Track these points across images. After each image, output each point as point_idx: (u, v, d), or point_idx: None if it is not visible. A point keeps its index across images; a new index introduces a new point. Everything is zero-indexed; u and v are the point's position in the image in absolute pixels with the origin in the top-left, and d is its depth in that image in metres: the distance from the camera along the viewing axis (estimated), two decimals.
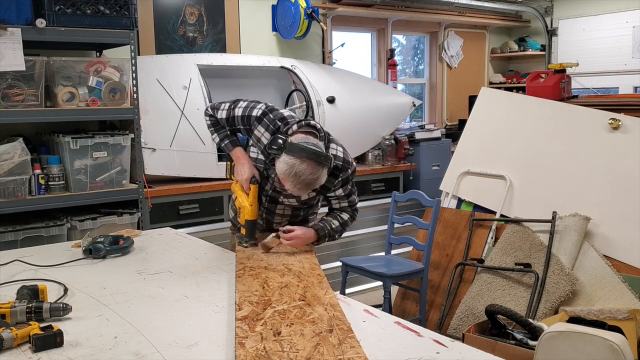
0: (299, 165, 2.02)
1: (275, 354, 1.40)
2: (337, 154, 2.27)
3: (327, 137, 2.28)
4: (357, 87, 5.13)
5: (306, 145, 2.05)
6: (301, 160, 2.03)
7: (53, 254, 2.44)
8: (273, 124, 2.25)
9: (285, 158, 2.04)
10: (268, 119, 2.26)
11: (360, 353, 1.41)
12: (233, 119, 2.35)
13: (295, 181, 2.05)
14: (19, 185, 3.28)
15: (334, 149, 2.27)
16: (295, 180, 2.05)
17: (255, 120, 2.28)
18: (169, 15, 4.58)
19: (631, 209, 3.22)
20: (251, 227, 2.32)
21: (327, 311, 1.66)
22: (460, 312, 3.40)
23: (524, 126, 3.82)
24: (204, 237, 3.08)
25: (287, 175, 2.05)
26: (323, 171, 2.08)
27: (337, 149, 2.28)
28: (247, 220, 2.31)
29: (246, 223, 2.31)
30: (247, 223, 2.31)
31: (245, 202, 2.31)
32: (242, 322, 1.58)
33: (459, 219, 3.81)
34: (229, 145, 2.42)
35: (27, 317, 1.63)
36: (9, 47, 3.13)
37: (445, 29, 6.71)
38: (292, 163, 2.03)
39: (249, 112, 2.31)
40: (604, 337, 2.24)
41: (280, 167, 2.06)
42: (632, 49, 6.36)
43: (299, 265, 2.09)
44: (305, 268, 2.07)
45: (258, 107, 2.31)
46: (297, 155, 2.03)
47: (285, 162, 2.04)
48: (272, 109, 2.30)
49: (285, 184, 2.10)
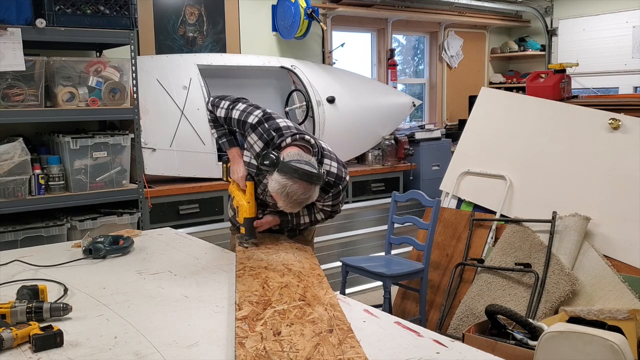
0: (292, 186, 2.02)
1: (275, 354, 1.40)
2: (331, 170, 2.25)
3: (321, 152, 2.26)
4: (357, 87, 5.13)
5: (298, 165, 2.03)
6: (293, 180, 2.02)
7: (53, 254, 2.44)
8: (267, 133, 2.22)
9: (278, 177, 2.03)
10: (263, 128, 2.23)
11: (360, 353, 1.41)
12: (230, 120, 2.34)
13: (287, 200, 2.05)
14: (19, 185, 3.28)
15: (327, 165, 2.25)
16: (287, 199, 2.05)
17: (249, 127, 2.26)
18: (169, 15, 4.58)
19: (631, 209, 3.22)
20: (250, 225, 2.30)
21: (327, 311, 1.66)
22: (460, 312, 3.40)
23: (524, 126, 3.82)
24: (204, 237, 3.08)
25: (279, 194, 2.05)
26: (315, 189, 2.09)
27: (331, 165, 2.27)
28: (245, 218, 2.29)
29: (245, 221, 2.30)
30: (246, 221, 2.29)
31: (242, 200, 2.30)
32: (242, 322, 1.58)
33: (459, 219, 3.81)
34: (226, 144, 2.42)
35: (28, 317, 1.63)
36: (9, 47, 3.13)
37: (445, 29, 6.71)
38: (284, 183, 2.02)
39: (244, 118, 2.28)
40: (604, 337, 2.24)
41: (273, 185, 2.06)
42: (632, 49, 6.36)
43: (299, 266, 2.09)
44: (306, 268, 2.07)
45: (254, 114, 2.27)
46: (289, 175, 2.02)
47: (277, 182, 2.04)
48: (268, 118, 2.26)
49: (277, 201, 2.10)
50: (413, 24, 6.39)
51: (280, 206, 2.11)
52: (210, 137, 4.11)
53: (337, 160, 2.31)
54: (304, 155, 2.13)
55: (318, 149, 2.24)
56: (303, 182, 2.03)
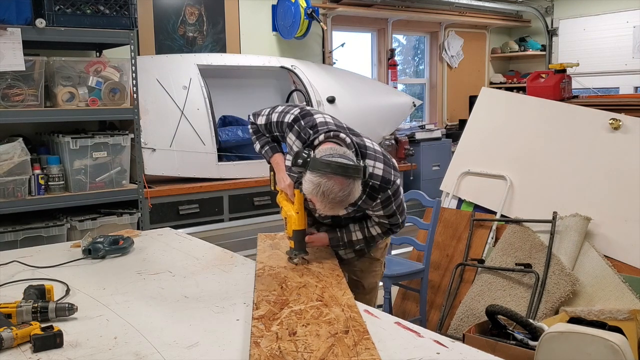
0: (326, 183, 1.81)
1: (289, 354, 1.40)
2: (374, 172, 2.00)
3: (360, 152, 2.03)
4: (357, 87, 5.13)
5: (331, 158, 1.83)
6: (327, 177, 1.81)
7: (52, 254, 2.43)
8: (304, 132, 2.04)
9: (310, 176, 1.83)
10: (299, 126, 2.06)
11: (375, 355, 1.41)
12: (270, 125, 2.19)
13: (325, 200, 1.84)
14: (18, 186, 3.27)
15: (371, 166, 2.00)
16: (325, 199, 1.83)
17: (287, 126, 2.10)
18: (169, 15, 4.58)
19: (631, 209, 3.21)
20: (300, 238, 2.08)
21: (344, 312, 1.66)
22: (461, 312, 3.39)
23: (524, 126, 3.81)
24: (204, 237, 3.07)
25: (314, 195, 1.85)
26: (355, 185, 1.85)
27: (375, 166, 2.02)
28: (294, 230, 2.08)
29: (294, 234, 2.08)
30: (295, 234, 2.08)
31: (291, 210, 2.09)
32: (259, 321, 1.58)
33: (459, 219, 3.81)
34: (269, 152, 2.25)
35: (33, 317, 1.63)
36: (9, 47, 3.13)
37: (446, 29, 6.71)
38: (318, 181, 1.81)
39: (282, 118, 2.13)
40: (604, 338, 2.24)
41: (306, 186, 1.85)
42: (633, 49, 6.36)
43: (318, 266, 2.08)
44: (325, 269, 2.05)
45: (291, 112, 2.11)
46: (322, 171, 1.81)
47: (310, 181, 1.83)
48: (305, 114, 2.08)
49: (314, 203, 1.91)
50: (413, 24, 6.39)
51: (319, 209, 1.93)
52: (210, 137, 4.11)
53: (383, 160, 2.05)
54: (338, 149, 1.91)
55: (356, 148, 2.02)
56: (338, 177, 1.81)
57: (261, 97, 4.95)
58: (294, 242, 2.09)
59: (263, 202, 4.30)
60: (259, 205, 4.29)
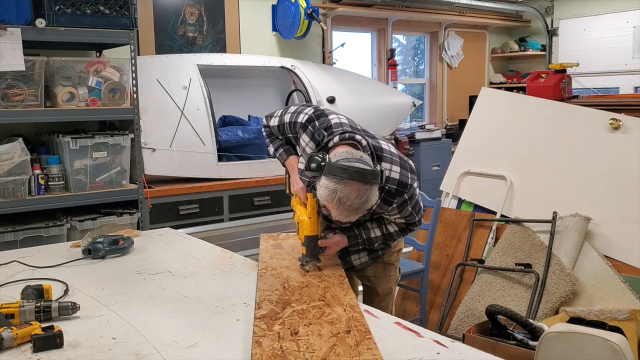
0: (342, 189, 1.74)
1: (291, 354, 1.40)
2: (391, 175, 1.94)
3: (376, 154, 1.96)
4: (357, 87, 5.13)
5: (347, 163, 1.75)
6: (343, 183, 1.73)
7: (52, 254, 2.43)
8: (318, 133, 1.97)
9: (325, 182, 1.76)
10: (313, 127, 1.98)
11: (377, 355, 1.41)
12: (283, 126, 2.12)
13: (341, 207, 1.77)
14: (18, 186, 3.27)
15: (387, 169, 1.93)
16: (340, 206, 1.77)
17: (300, 127, 2.02)
18: (169, 15, 4.58)
19: (631, 209, 3.21)
20: (312, 245, 2.01)
21: (346, 312, 1.66)
22: (461, 312, 3.39)
23: (524, 126, 3.81)
24: (204, 237, 3.07)
25: (330, 202, 1.78)
26: (372, 191, 1.78)
27: (392, 169, 1.95)
28: (306, 236, 2.01)
29: (306, 240, 2.01)
30: (307, 240, 2.01)
31: (303, 215, 2.03)
32: (261, 320, 1.59)
33: (459, 219, 3.81)
34: (283, 154, 2.18)
35: (36, 317, 1.63)
36: (9, 47, 3.13)
37: (446, 29, 6.71)
38: (334, 187, 1.74)
39: (295, 118, 2.06)
40: (604, 338, 2.24)
41: (321, 192, 1.78)
42: (633, 49, 6.36)
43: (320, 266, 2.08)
44: (327, 269, 2.05)
45: (304, 112, 2.04)
46: (338, 177, 1.73)
47: (325, 187, 1.76)
48: (319, 115, 2.01)
49: (330, 210, 1.85)
50: (413, 24, 6.39)
51: (335, 216, 1.86)
52: (210, 137, 4.11)
53: (400, 163, 1.99)
54: (354, 152, 1.84)
55: (371, 151, 1.94)
56: (355, 183, 1.74)
57: (261, 97, 4.95)
58: (306, 249, 2.02)
59: (263, 202, 4.30)
60: (259, 206, 4.29)
